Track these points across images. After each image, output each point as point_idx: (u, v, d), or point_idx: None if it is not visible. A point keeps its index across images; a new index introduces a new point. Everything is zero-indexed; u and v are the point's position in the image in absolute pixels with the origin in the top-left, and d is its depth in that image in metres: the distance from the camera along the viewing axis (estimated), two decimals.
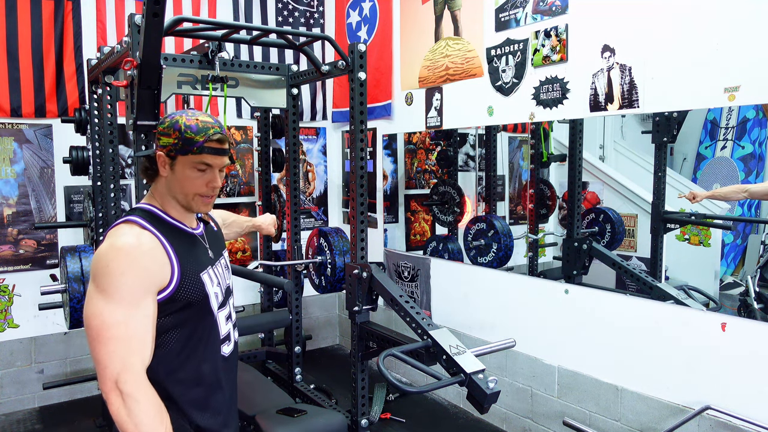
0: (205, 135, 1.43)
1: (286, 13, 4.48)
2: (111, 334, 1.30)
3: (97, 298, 1.32)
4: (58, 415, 3.63)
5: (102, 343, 1.30)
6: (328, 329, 4.93)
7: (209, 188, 1.48)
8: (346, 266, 2.86)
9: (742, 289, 2.77)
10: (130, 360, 1.31)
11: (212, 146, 1.44)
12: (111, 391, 1.29)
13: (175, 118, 1.46)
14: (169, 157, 1.45)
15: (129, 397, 1.29)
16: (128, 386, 1.29)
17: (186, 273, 1.43)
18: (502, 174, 4.00)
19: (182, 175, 1.45)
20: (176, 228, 1.50)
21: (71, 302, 2.72)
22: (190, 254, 1.49)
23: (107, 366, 1.29)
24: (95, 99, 3.20)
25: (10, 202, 3.60)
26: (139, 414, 1.29)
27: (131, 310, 1.32)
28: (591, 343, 2.83)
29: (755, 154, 3.08)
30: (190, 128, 1.43)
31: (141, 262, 1.35)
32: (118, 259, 1.33)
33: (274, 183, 3.90)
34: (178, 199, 1.49)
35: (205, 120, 1.46)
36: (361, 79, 2.74)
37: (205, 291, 1.48)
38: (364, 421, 2.91)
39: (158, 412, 1.34)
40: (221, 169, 1.50)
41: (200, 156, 1.44)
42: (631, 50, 2.55)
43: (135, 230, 1.39)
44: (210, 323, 1.52)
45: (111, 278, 1.32)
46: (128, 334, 1.31)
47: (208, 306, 1.50)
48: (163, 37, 2.13)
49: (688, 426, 2.38)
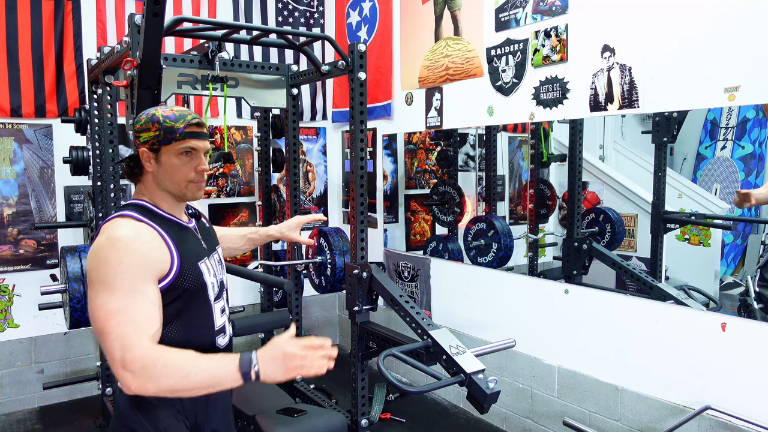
0: (184, 121, 1.46)
1: (286, 13, 4.48)
2: (115, 322, 1.30)
3: (98, 291, 1.33)
4: (58, 415, 3.63)
5: (107, 333, 1.31)
6: (328, 329, 4.93)
7: (198, 173, 1.50)
8: (346, 266, 2.85)
9: (742, 289, 2.77)
10: (134, 340, 1.30)
11: (193, 130, 1.48)
12: (123, 375, 1.29)
13: (151, 113, 1.48)
14: (152, 150, 1.47)
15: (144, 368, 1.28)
16: (136, 363, 1.29)
17: (185, 261, 1.45)
18: (502, 174, 4.00)
19: (169, 164, 1.47)
20: (170, 220, 1.52)
21: (71, 302, 2.72)
22: (187, 244, 1.50)
23: (113, 355, 1.30)
24: (95, 99, 3.20)
25: (10, 202, 3.60)
26: (159, 367, 1.28)
27: (132, 297, 1.32)
28: (591, 343, 2.83)
29: (755, 154, 3.08)
30: (168, 118, 1.46)
31: (140, 252, 1.36)
32: (117, 251, 1.34)
33: (274, 183, 3.90)
34: (170, 191, 1.51)
35: (179, 109, 1.51)
36: (361, 79, 2.74)
37: (203, 280, 1.50)
38: (364, 421, 2.91)
39: (180, 351, 1.34)
40: (205, 153, 1.52)
41: (184, 141, 1.46)
42: (631, 50, 2.55)
43: (131, 223, 1.41)
44: (207, 313, 1.53)
45: (109, 269, 1.32)
46: (131, 319, 1.31)
47: (206, 295, 1.52)
48: (163, 37, 2.13)
49: (688, 426, 2.38)
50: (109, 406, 3.31)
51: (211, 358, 1.34)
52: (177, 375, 1.30)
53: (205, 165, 1.51)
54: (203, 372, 1.31)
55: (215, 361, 1.33)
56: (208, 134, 1.54)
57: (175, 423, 1.45)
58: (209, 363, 1.33)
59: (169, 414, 1.45)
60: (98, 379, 3.51)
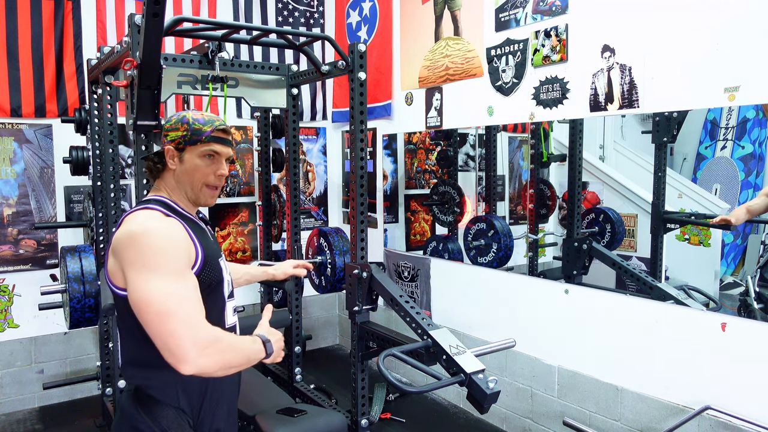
0: (211, 125, 1.55)
1: (286, 13, 4.48)
2: (178, 303, 1.33)
3: (149, 277, 1.34)
4: (58, 415, 3.63)
5: (172, 313, 1.31)
6: (328, 329, 4.93)
7: (217, 177, 1.57)
8: (346, 266, 2.85)
9: (742, 289, 2.77)
10: (200, 319, 1.36)
11: (219, 135, 1.56)
12: (195, 353, 1.30)
13: (182, 114, 1.57)
14: (177, 149, 1.54)
15: (214, 343, 1.34)
16: (208, 338, 1.34)
17: (208, 255, 1.50)
18: (502, 174, 4.00)
19: (191, 164, 1.54)
20: (189, 217, 1.57)
21: (71, 302, 2.72)
22: (207, 240, 1.57)
23: (181, 335, 1.30)
24: (95, 99, 3.20)
25: (10, 202, 3.60)
26: (225, 342, 1.38)
27: (184, 280, 1.38)
28: (591, 343, 2.83)
29: (755, 154, 3.08)
30: (198, 120, 1.55)
31: (177, 240, 1.42)
32: (158, 238, 1.38)
33: (274, 183, 3.90)
34: (185, 192, 1.57)
35: (210, 114, 1.60)
36: (361, 79, 2.74)
37: (222, 275, 1.57)
38: (364, 421, 2.91)
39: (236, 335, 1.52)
40: (227, 159, 1.60)
41: (209, 144, 1.54)
42: (631, 50, 2.55)
43: (157, 215, 1.46)
44: (221, 309, 1.59)
45: (157, 254, 1.36)
46: (191, 301, 1.36)
47: (222, 291, 1.58)
48: (163, 37, 2.13)
49: (688, 426, 2.38)
50: (109, 406, 3.31)
51: (243, 337, 1.49)
52: (234, 350, 1.41)
53: (224, 170, 1.58)
54: (245, 348, 1.45)
55: (247, 340, 1.48)
56: (232, 142, 1.62)
57: (178, 420, 1.47)
58: (245, 341, 1.47)
59: (171, 412, 1.46)
60: (98, 379, 3.51)
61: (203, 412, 1.53)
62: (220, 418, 1.59)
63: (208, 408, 1.55)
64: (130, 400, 1.47)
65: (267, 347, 1.49)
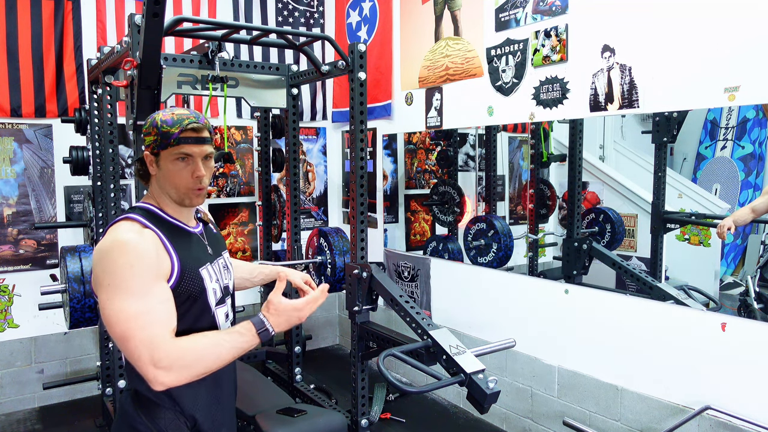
0: (179, 126, 1.45)
1: (286, 13, 4.48)
2: (136, 325, 1.32)
3: (113, 296, 1.33)
4: (58, 415, 3.63)
5: (130, 338, 1.32)
6: (328, 329, 4.93)
7: (194, 179, 1.49)
8: (346, 266, 2.85)
9: (742, 289, 2.77)
10: (159, 338, 1.33)
11: (188, 135, 1.46)
12: (155, 372, 1.31)
13: (153, 116, 1.49)
14: (153, 154, 1.49)
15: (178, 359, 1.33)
16: (169, 358, 1.32)
17: (186, 268, 1.46)
18: (502, 174, 4.00)
19: (167, 169, 1.48)
20: (174, 225, 1.52)
21: (71, 302, 2.72)
22: (189, 250, 1.51)
23: (140, 356, 1.31)
24: (95, 99, 3.20)
25: (10, 202, 3.60)
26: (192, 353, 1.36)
27: (148, 297, 1.35)
28: (591, 343, 2.83)
29: (755, 154, 3.08)
30: (166, 122, 1.46)
31: (146, 255, 1.38)
32: (126, 254, 1.35)
33: (274, 183, 3.90)
34: (170, 196, 1.51)
35: (180, 113, 1.48)
36: (361, 79, 2.74)
37: (203, 285, 1.51)
38: (364, 421, 2.91)
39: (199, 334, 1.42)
40: (206, 157, 1.51)
41: (178, 147, 1.46)
42: (631, 50, 2.55)
43: (136, 227, 1.42)
44: (208, 319, 1.54)
45: (122, 272, 1.34)
46: (151, 319, 1.34)
47: (206, 301, 1.52)
48: (163, 37, 2.13)
49: (688, 426, 2.38)
50: (109, 406, 3.31)
51: (229, 331, 1.44)
52: (210, 356, 1.38)
53: (201, 171, 1.48)
54: (228, 344, 1.41)
55: (233, 333, 1.43)
56: (209, 138, 1.52)
57: (176, 422, 1.47)
58: (230, 336, 1.42)
59: (169, 414, 1.46)
60: (98, 379, 3.51)
61: (201, 413, 1.53)
62: (219, 419, 1.59)
63: (207, 410, 1.54)
64: (130, 400, 1.48)
65: (261, 335, 1.43)
